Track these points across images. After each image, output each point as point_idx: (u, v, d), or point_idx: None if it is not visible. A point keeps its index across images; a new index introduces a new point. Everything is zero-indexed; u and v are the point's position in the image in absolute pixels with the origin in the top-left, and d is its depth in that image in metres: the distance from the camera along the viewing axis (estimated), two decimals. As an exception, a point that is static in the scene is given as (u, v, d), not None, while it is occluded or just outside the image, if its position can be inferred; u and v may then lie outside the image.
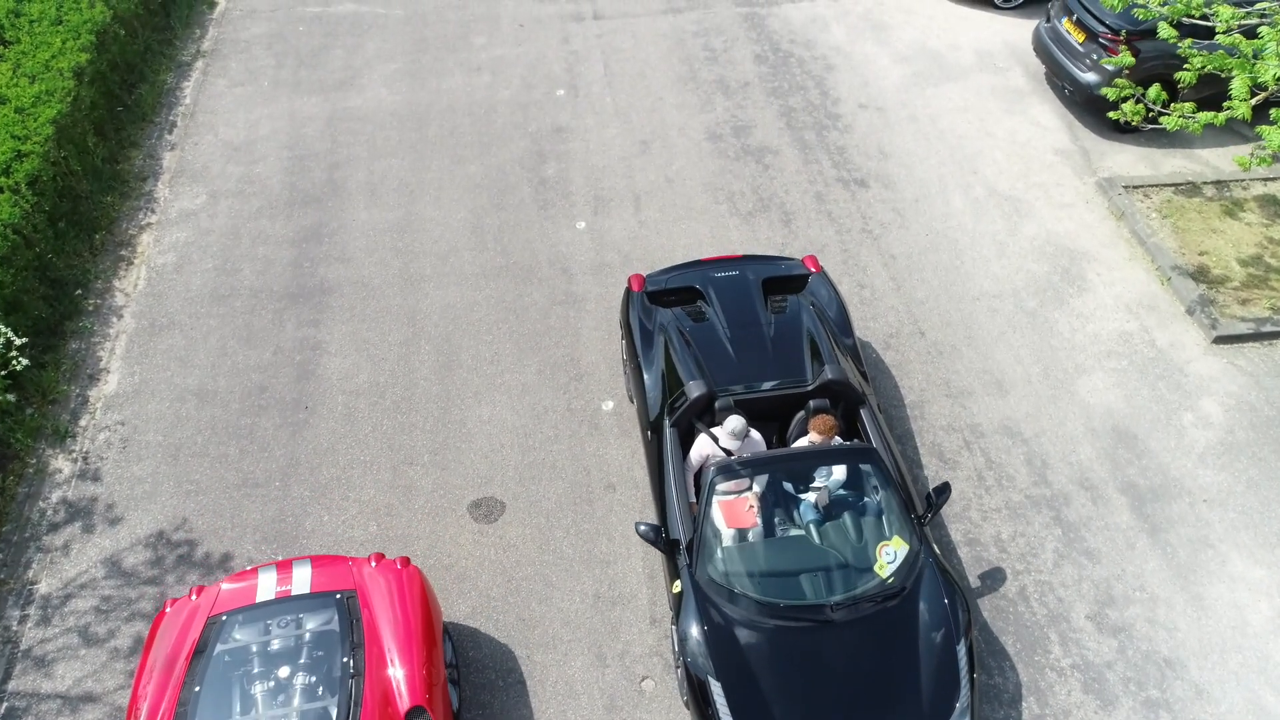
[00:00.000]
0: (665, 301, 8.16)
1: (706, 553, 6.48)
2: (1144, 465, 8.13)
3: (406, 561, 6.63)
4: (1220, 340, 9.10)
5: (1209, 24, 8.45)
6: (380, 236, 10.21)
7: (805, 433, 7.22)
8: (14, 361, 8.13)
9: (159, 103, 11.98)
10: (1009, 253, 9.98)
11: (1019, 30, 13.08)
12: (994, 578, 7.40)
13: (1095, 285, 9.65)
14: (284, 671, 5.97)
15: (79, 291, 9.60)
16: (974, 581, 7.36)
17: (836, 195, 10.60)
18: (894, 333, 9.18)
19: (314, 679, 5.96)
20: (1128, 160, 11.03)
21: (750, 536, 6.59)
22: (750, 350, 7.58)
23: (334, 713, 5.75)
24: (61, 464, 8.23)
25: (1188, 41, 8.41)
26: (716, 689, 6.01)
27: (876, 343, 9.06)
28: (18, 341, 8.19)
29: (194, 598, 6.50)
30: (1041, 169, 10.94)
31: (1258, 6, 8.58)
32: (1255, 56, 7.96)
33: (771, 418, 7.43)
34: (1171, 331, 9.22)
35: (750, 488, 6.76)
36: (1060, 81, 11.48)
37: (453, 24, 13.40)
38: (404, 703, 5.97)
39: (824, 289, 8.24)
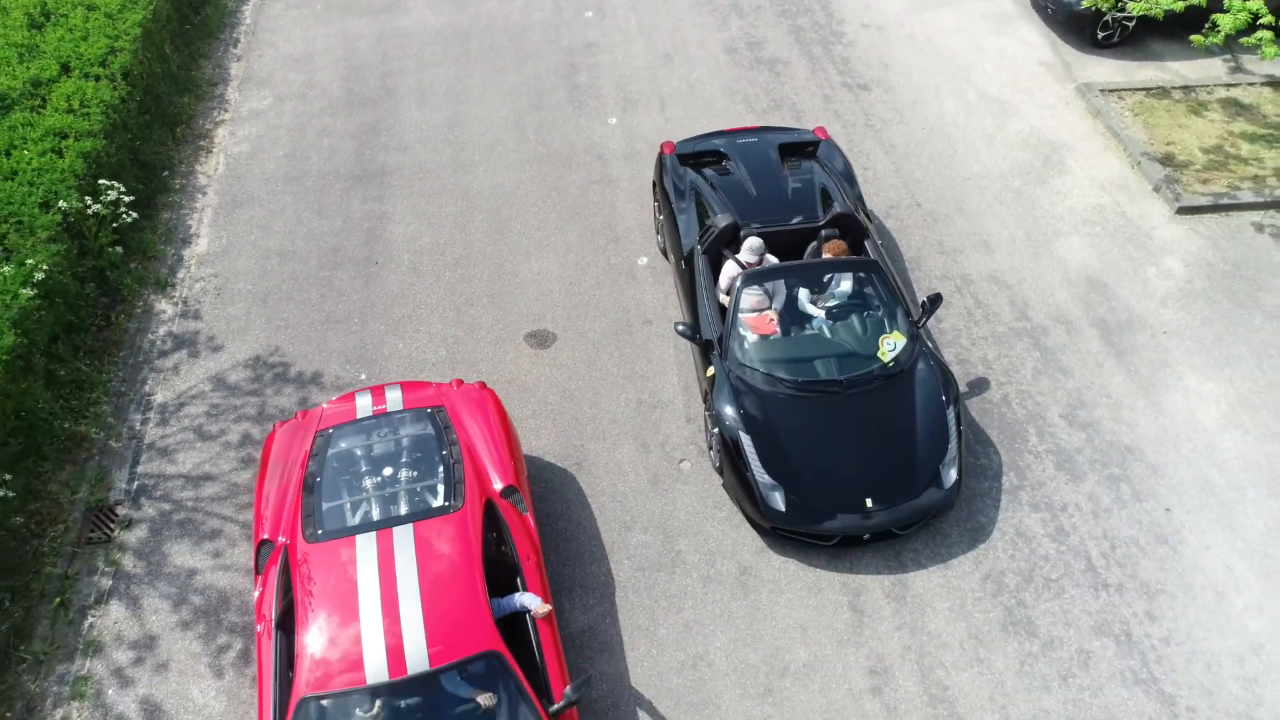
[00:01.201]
0: (693, 163, 9.35)
1: (736, 343, 7.67)
2: (1113, 306, 9.32)
3: (483, 385, 7.68)
4: (1182, 211, 10.30)
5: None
6: (432, 131, 11.37)
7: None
8: (123, 215, 9.29)
9: (222, 22, 13.13)
10: (996, 144, 11.17)
11: (1007, -34, 14.32)
12: (981, 387, 8.58)
13: (1073, 169, 10.85)
14: (390, 468, 6.83)
15: (165, 173, 10.75)
16: (964, 388, 8.54)
17: (841, 97, 11.79)
18: (894, 204, 10.37)
19: (418, 471, 6.83)
20: (1105, 70, 12.23)
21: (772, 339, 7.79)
22: (769, 196, 8.78)
23: (441, 489, 6.68)
24: (165, 306, 9.37)
25: None
26: (747, 442, 7.20)
27: (879, 211, 10.24)
28: (127, 199, 9.36)
29: (299, 419, 7.45)
30: (1027, 78, 12.14)
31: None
32: None
33: (789, 252, 8.60)
34: (1140, 205, 10.42)
35: (771, 305, 7.96)
36: (1044, 3, 12.71)
37: (486, -39, 14.58)
38: (499, 484, 6.98)
39: (832, 152, 9.44)
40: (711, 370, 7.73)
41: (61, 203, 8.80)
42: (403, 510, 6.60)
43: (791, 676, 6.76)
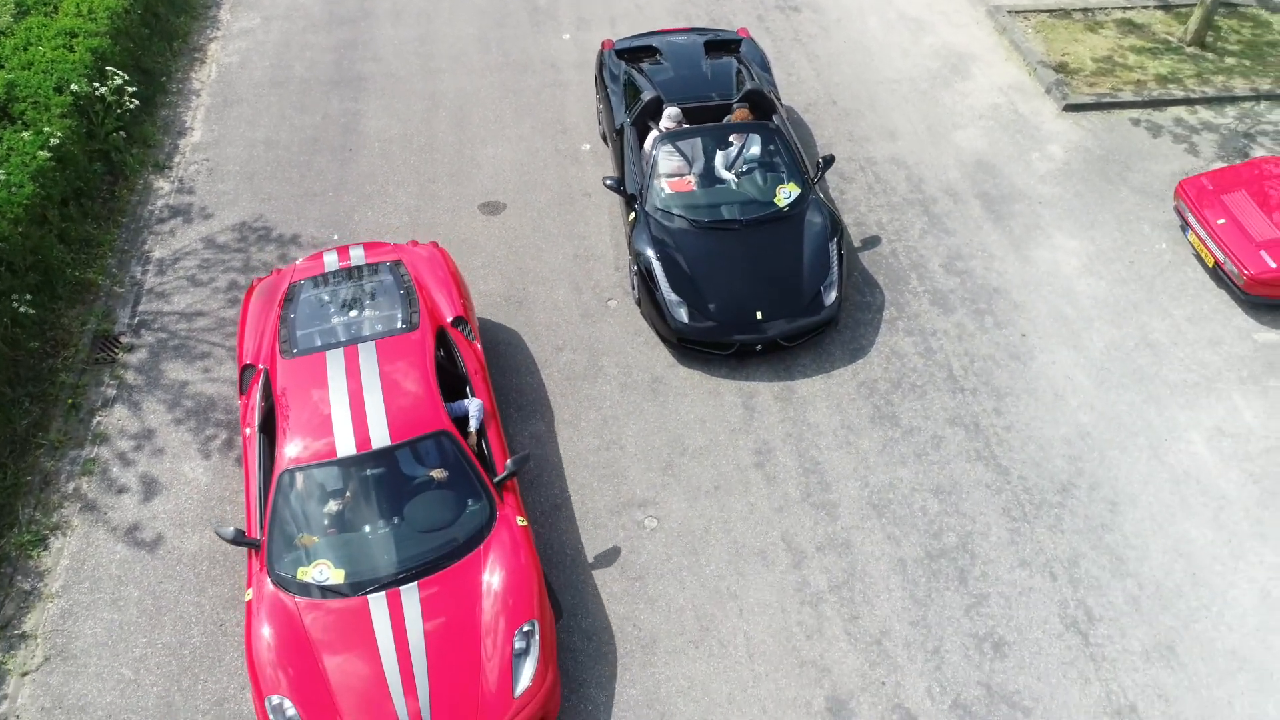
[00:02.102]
0: (629, 58, 10.59)
1: (653, 193, 8.93)
2: (997, 182, 10.58)
3: (436, 244, 8.85)
4: (1069, 108, 11.56)
5: None
6: (404, 45, 12.62)
7: (731, 130, 9.68)
8: (127, 102, 10.54)
9: (216, -43, 14.40)
10: (910, 55, 12.43)
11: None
12: (874, 243, 9.84)
13: (976, 75, 12.10)
14: (354, 309, 7.76)
15: (164, 79, 12.00)
16: (858, 244, 9.81)
17: (774, 18, 13.05)
18: (812, 102, 11.62)
19: (378, 306, 7.78)
20: (1015, -3, 13.51)
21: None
22: (691, 79, 10.05)
23: (399, 317, 7.64)
24: (162, 184, 10.62)
25: None
26: (657, 267, 8.48)
27: (798, 108, 11.50)
28: (130, 88, 10.60)
29: (274, 275, 8.47)
30: (944, 1, 13.39)
31: None
32: None
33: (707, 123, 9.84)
34: (1032, 104, 11.67)
35: (690, 171, 9.20)
36: (962, -63, 13.95)
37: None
38: (449, 316, 8.04)
39: (752, 48, 10.71)
40: (633, 215, 8.99)
41: (73, 86, 10.05)
42: (365, 332, 7.58)
43: (689, 456, 8.02)
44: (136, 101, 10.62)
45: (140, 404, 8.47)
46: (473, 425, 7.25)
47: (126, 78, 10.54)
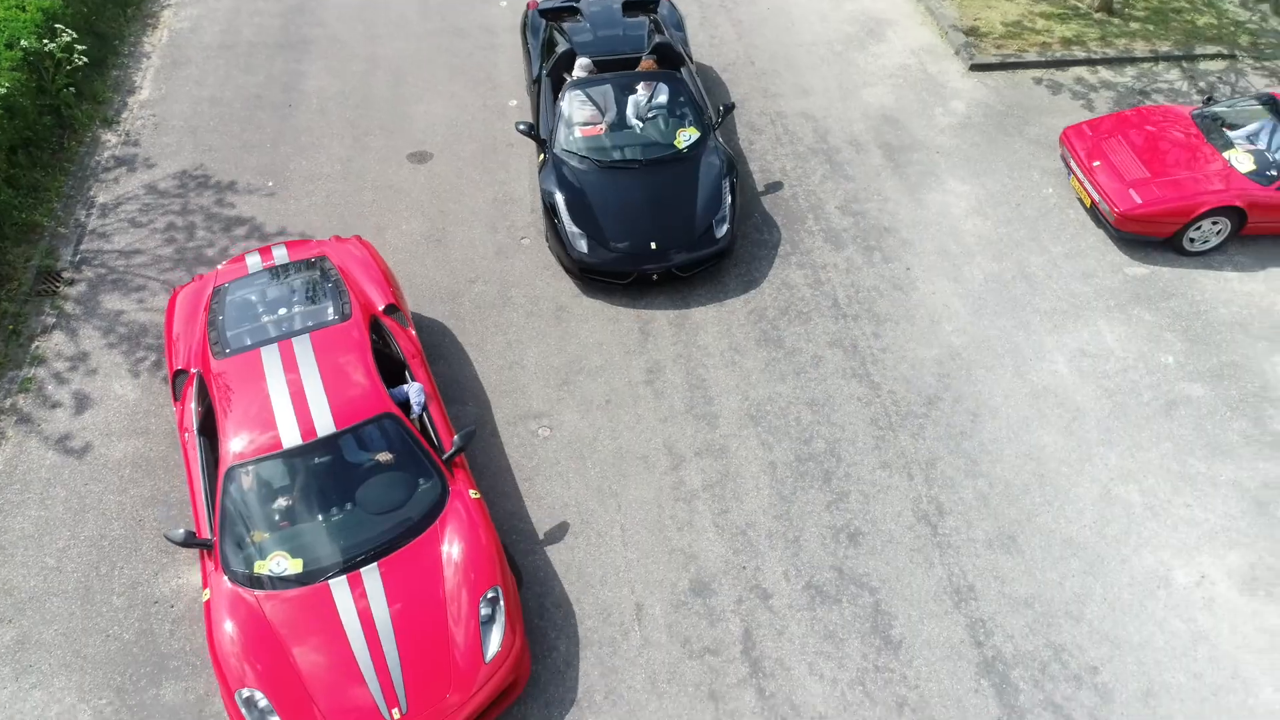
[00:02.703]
0: (551, 16, 11.20)
1: (561, 135, 9.52)
2: (899, 133, 11.18)
3: (359, 238, 8.75)
4: (975, 68, 12.16)
5: None
6: (348, 11, 13.22)
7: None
8: (76, 59, 11.12)
9: (174, -68, 14.98)
10: (830, 19, 13.04)
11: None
12: (776, 187, 10.44)
13: (890, 39, 12.71)
14: (283, 306, 7.67)
15: (116, 42, 12.58)
16: (761, 188, 10.41)
17: (704, -14, 13.69)
18: (731, 62, 12.23)
19: (308, 300, 7.71)
20: (936, -32, 14.11)
21: (596, 137, 9.65)
22: (606, 35, 10.66)
23: (330, 308, 7.61)
24: (109, 137, 11.20)
25: None
26: (560, 201, 9.08)
27: (717, 68, 12.11)
28: (79, 46, 11.18)
29: (196, 281, 8.34)
30: (867, -28, 14.02)
31: None
32: None
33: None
34: (941, 64, 12.28)
35: (601, 118, 9.79)
36: (889, -88, 14.56)
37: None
38: (380, 305, 8.02)
39: (669, 8, 11.33)
40: (542, 157, 9.58)
41: (23, 42, 10.64)
42: (298, 326, 7.51)
43: (585, 374, 8.61)
44: (85, 59, 11.20)
45: (77, 330, 9.05)
46: (415, 408, 7.30)
47: (75, 35, 11.12)
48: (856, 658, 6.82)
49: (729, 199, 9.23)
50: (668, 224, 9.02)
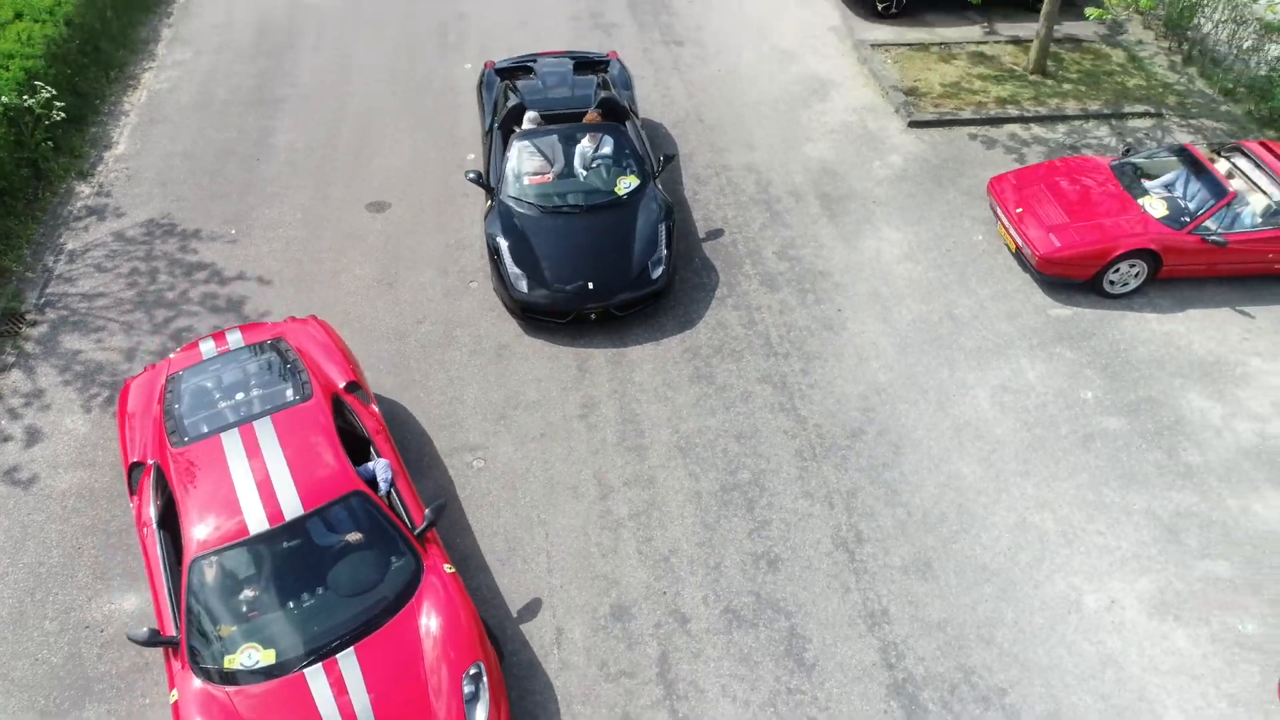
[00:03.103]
0: (506, 75, 11.80)
1: (508, 183, 10.00)
2: (837, 185, 11.68)
3: (314, 317, 8.72)
4: (913, 124, 12.75)
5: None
6: (321, 72, 13.87)
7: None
8: (55, 113, 11.66)
9: (160, 1, 15.74)
10: (777, 80, 13.69)
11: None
12: (717, 234, 10.88)
13: (833, 98, 13.34)
14: (240, 391, 7.52)
15: (97, 101, 13.18)
16: (702, 234, 10.85)
17: (659, 50, 14.35)
18: (682, 119, 12.81)
19: (267, 384, 7.56)
20: (882, 34, 14.82)
21: (542, 185, 10.13)
22: (556, 91, 11.23)
23: (290, 390, 7.44)
24: (83, 188, 11.68)
25: None
26: (503, 245, 9.51)
27: (668, 123, 12.69)
28: (59, 103, 11.73)
29: (149, 371, 8.18)
30: (814, 37, 14.73)
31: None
32: None
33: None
34: (880, 121, 12.87)
35: (551, 169, 10.29)
36: (837, -18, 15.40)
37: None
38: (341, 382, 7.93)
39: (618, 67, 11.93)
40: (490, 204, 10.04)
41: (3, 98, 11.19)
42: (258, 410, 7.35)
43: (522, 408, 8.90)
44: (64, 114, 11.74)
45: (35, 369, 9.35)
46: (382, 485, 7.18)
47: (54, 92, 11.70)
48: (770, 680, 6.96)
49: (665, 242, 9.65)
50: (605, 265, 9.43)
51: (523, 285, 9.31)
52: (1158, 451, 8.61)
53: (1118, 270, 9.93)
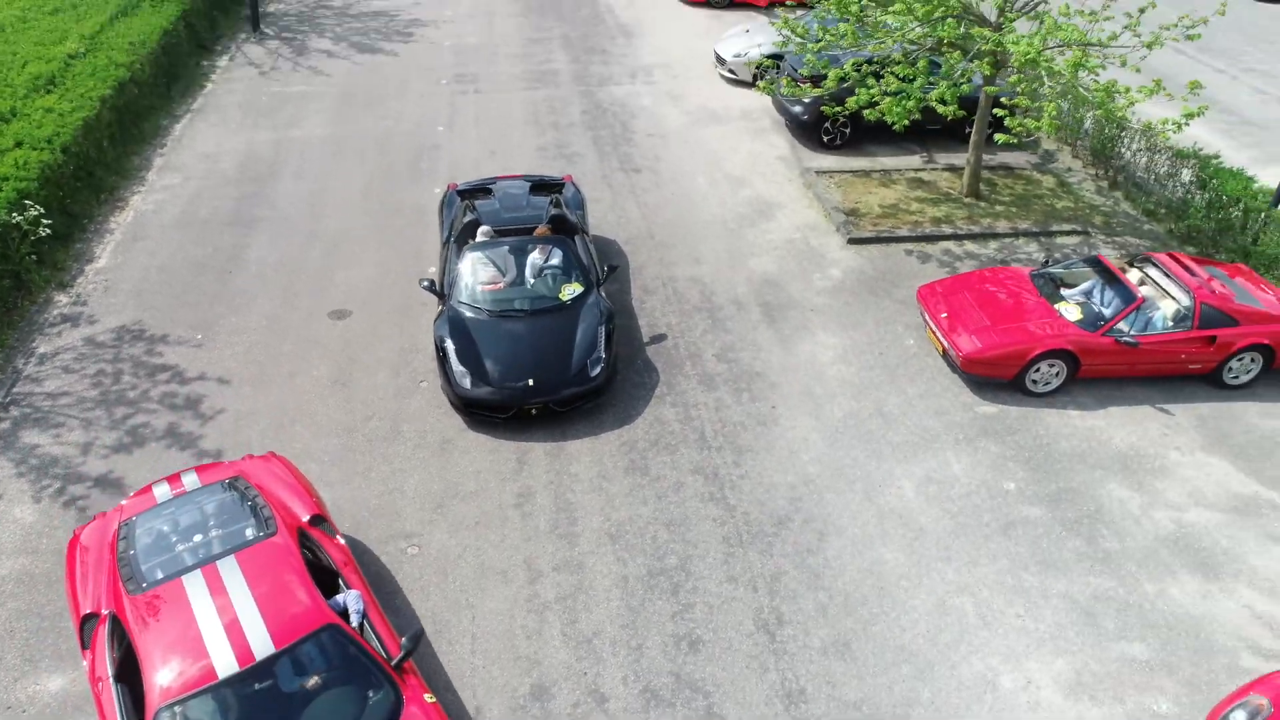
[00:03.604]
0: (467, 196, 12.66)
1: (458, 289, 10.62)
2: (778, 295, 12.33)
3: (273, 454, 8.61)
4: (852, 241, 13.55)
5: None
6: (299, 197, 14.79)
7: (537, 246, 11.55)
8: (40, 230, 12.40)
9: (157, 132, 16.88)
10: (727, 204, 14.61)
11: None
12: (660, 339, 11.42)
13: (779, 218, 14.21)
14: (199, 533, 7.29)
15: (85, 220, 14.01)
16: (646, 339, 11.39)
17: (617, 177, 15.37)
18: (634, 236, 13.61)
19: (227, 523, 7.36)
20: (827, 163, 15.91)
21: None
22: (512, 210, 12.04)
23: (252, 527, 7.26)
24: (61, 298, 12.30)
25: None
26: (449, 345, 10.03)
27: (620, 240, 13.48)
28: (46, 221, 12.50)
29: (98, 520, 7.88)
30: (765, 165, 15.80)
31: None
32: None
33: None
34: (822, 239, 13.68)
35: (502, 278, 10.95)
36: (784, 119, 16.63)
37: (372, 94, 18.64)
38: (304, 515, 7.80)
39: (572, 189, 12.81)
40: (441, 309, 10.62)
41: (-8, 216, 11.99)
42: (218, 550, 7.14)
43: (460, 498, 9.16)
44: (49, 230, 12.51)
45: (-9, 463, 9.66)
46: (354, 617, 6.99)
47: (42, 210, 12.50)
48: (685, 759, 6.95)
49: (605, 344, 10.17)
50: (546, 364, 9.91)
51: (466, 382, 9.76)
52: (1077, 539, 8.83)
53: (1039, 370, 10.42)
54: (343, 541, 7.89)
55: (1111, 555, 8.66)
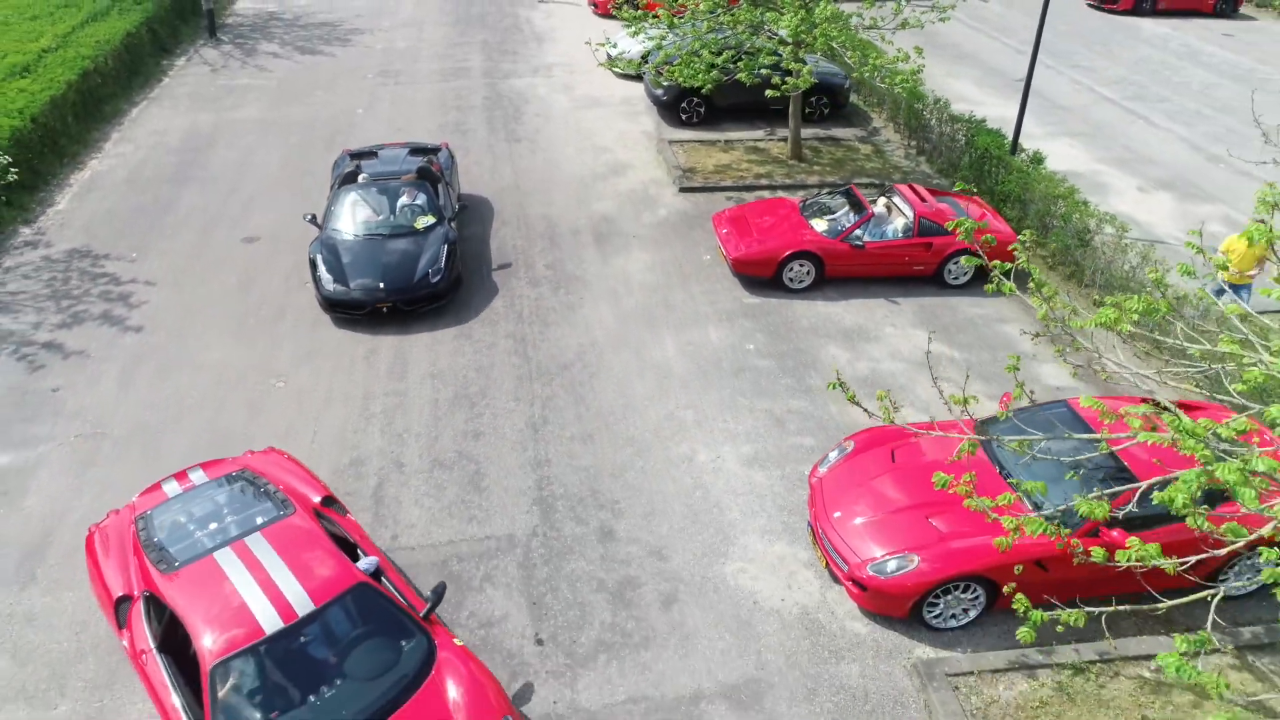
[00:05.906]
0: (355, 156, 15.48)
1: (331, 218, 13.45)
2: (611, 227, 15.18)
3: (273, 448, 9.34)
4: (683, 190, 16.46)
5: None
6: (227, 162, 17.65)
7: (407, 183, 14.34)
8: (10, 175, 15.17)
9: (117, 114, 19.74)
10: (588, 165, 17.51)
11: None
12: (503, 256, 14.16)
13: (628, 175, 17.11)
14: (215, 522, 7.72)
15: (50, 177, 16.79)
16: (493, 261, 14.12)
17: (501, 146, 18.28)
18: (504, 187, 16.49)
19: (245, 506, 7.85)
20: (682, 135, 18.82)
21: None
22: (387, 165, 14.82)
23: (271, 507, 7.76)
24: (25, 230, 15.07)
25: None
26: (318, 258, 12.81)
27: (490, 193, 16.33)
28: (14, 169, 15.28)
29: (112, 516, 8.33)
30: (629, 139, 18.74)
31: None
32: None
33: (396, 186, 14.53)
34: (660, 190, 16.57)
35: (369, 210, 13.73)
36: (652, 102, 19.62)
37: (305, 86, 21.56)
38: (316, 498, 8.39)
39: (446, 153, 15.68)
40: (318, 234, 13.41)
41: (-32, 163, 14.77)
42: (244, 529, 7.59)
43: (322, 355, 11.89)
44: (16, 176, 15.29)
45: (-40, 337, 12.32)
46: (386, 583, 7.56)
47: (10, 160, 15.29)
48: (451, 496, 9.63)
49: (445, 261, 12.89)
50: (395, 272, 12.65)
51: (329, 286, 12.51)
52: (789, 378, 11.57)
53: (792, 269, 13.23)
54: (355, 519, 8.65)
55: (813, 389, 11.40)
